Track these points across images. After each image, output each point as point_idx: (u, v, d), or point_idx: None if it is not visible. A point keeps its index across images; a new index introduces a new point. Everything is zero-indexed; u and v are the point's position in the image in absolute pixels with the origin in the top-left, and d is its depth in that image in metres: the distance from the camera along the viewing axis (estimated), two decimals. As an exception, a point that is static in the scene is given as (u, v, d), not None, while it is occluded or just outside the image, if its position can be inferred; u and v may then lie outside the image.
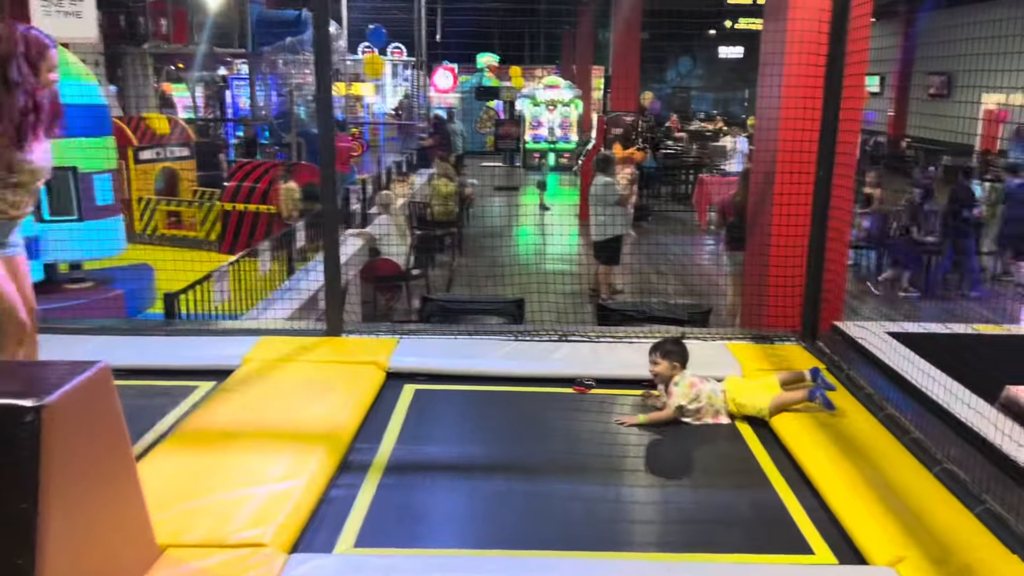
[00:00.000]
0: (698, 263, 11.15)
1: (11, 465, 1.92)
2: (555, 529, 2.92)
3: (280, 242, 8.06)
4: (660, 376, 3.85)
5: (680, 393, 3.75)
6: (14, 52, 3.02)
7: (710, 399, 3.79)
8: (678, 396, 3.74)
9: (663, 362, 3.82)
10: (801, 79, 4.66)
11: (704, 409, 3.77)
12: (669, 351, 3.85)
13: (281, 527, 2.67)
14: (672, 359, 3.82)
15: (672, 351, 3.85)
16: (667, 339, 3.97)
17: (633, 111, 15.34)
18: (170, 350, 4.43)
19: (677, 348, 3.87)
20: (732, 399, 3.81)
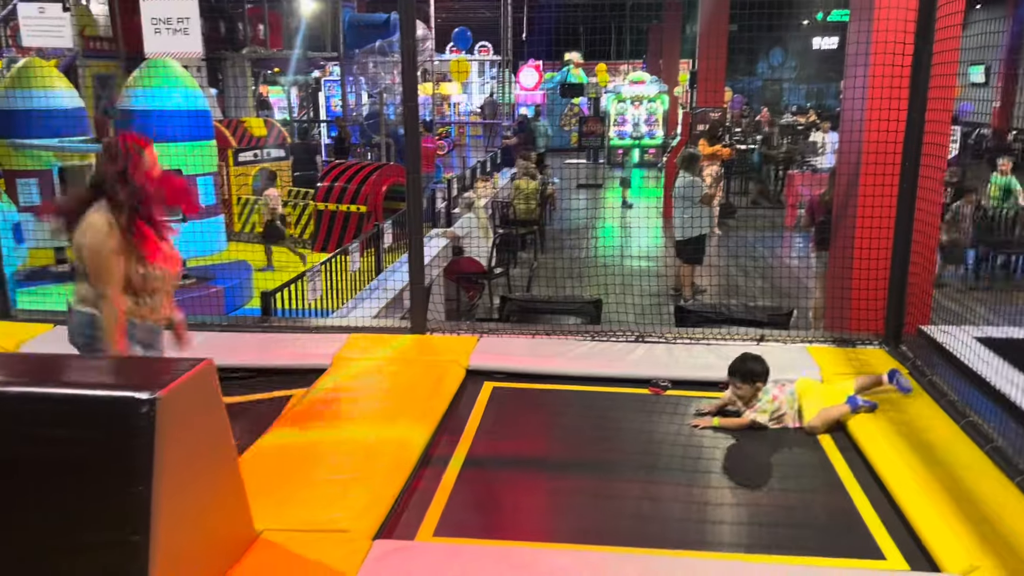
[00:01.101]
0: (786, 263, 10.94)
1: (128, 451, 2.14)
2: (626, 526, 3.01)
3: (369, 241, 8.34)
4: (744, 398, 3.83)
5: (762, 408, 3.75)
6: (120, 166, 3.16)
7: (789, 404, 3.78)
8: (759, 412, 3.75)
9: (744, 386, 3.79)
10: (887, 78, 4.58)
11: (785, 415, 3.78)
12: (747, 373, 3.78)
13: (366, 515, 2.85)
14: (754, 381, 3.78)
15: (751, 373, 3.78)
16: (744, 360, 3.83)
17: (720, 106, 15.13)
18: (267, 347, 4.69)
19: (756, 368, 3.79)
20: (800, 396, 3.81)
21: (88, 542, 2.15)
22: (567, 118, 26.16)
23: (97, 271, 3.12)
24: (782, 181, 16.40)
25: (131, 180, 3.18)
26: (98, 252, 3.10)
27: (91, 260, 3.12)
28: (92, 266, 3.12)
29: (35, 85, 7.86)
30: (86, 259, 3.13)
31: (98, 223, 3.11)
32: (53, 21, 4.82)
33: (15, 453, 2.19)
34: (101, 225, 3.11)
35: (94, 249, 3.10)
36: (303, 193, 11.94)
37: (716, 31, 14.87)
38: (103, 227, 3.10)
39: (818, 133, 16.21)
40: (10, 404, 2.20)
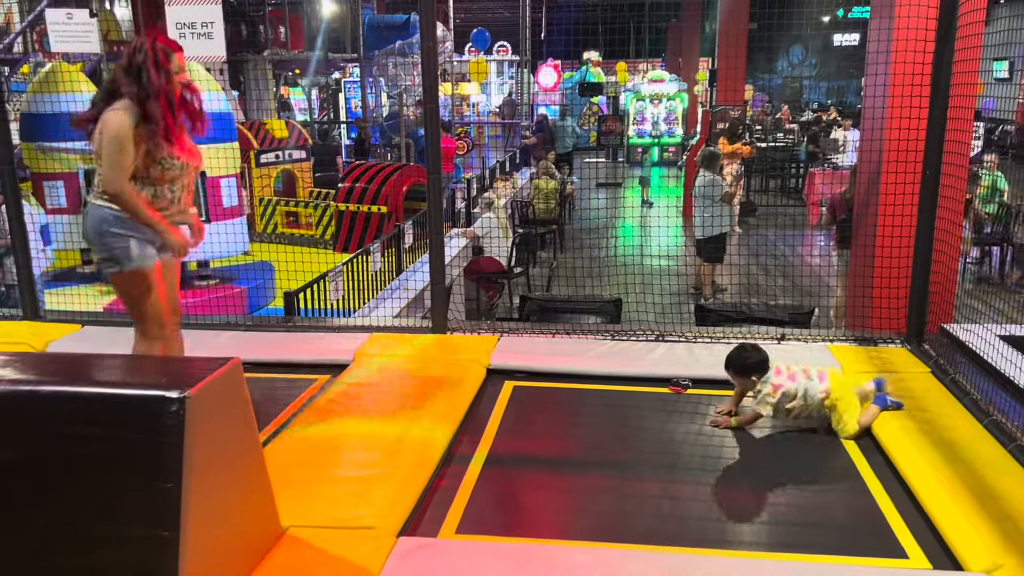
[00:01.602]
0: (807, 261, 10.88)
1: (159, 448, 2.18)
2: (646, 524, 3.02)
3: (389, 241, 8.40)
4: (744, 391, 3.80)
5: (764, 401, 3.67)
6: (145, 60, 3.35)
7: (806, 401, 3.67)
8: (763, 404, 3.68)
9: (739, 379, 3.76)
10: (908, 75, 4.56)
11: (796, 409, 3.67)
12: (741, 367, 3.73)
13: (390, 512, 2.89)
14: (748, 374, 3.72)
15: (744, 366, 3.72)
16: (738, 352, 3.77)
17: (739, 104, 15.07)
18: (290, 346, 4.75)
19: (750, 360, 3.72)
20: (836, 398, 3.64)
21: (119, 538, 2.19)
22: (586, 117, 26.14)
23: (109, 158, 3.26)
24: (803, 179, 16.31)
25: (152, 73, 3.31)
26: (113, 139, 3.25)
27: (106, 147, 3.27)
28: (105, 153, 3.27)
29: (61, 89, 7.98)
30: (103, 148, 3.28)
31: (115, 115, 3.28)
32: (81, 27, 4.91)
33: (47, 451, 2.24)
34: (122, 115, 3.27)
35: (111, 136, 3.25)
36: (324, 194, 12.04)
37: (735, 29, 14.83)
38: (123, 117, 3.27)
39: (839, 130, 16.11)
40: (42, 403, 2.25)
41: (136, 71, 3.33)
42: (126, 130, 3.28)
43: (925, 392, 3.93)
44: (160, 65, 3.36)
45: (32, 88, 8.57)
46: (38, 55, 12.65)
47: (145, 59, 3.34)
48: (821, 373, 3.70)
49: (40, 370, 2.49)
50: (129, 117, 3.30)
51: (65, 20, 4.89)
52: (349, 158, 16.29)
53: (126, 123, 3.28)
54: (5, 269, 7.21)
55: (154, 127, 3.32)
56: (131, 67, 3.35)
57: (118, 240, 3.36)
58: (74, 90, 8.13)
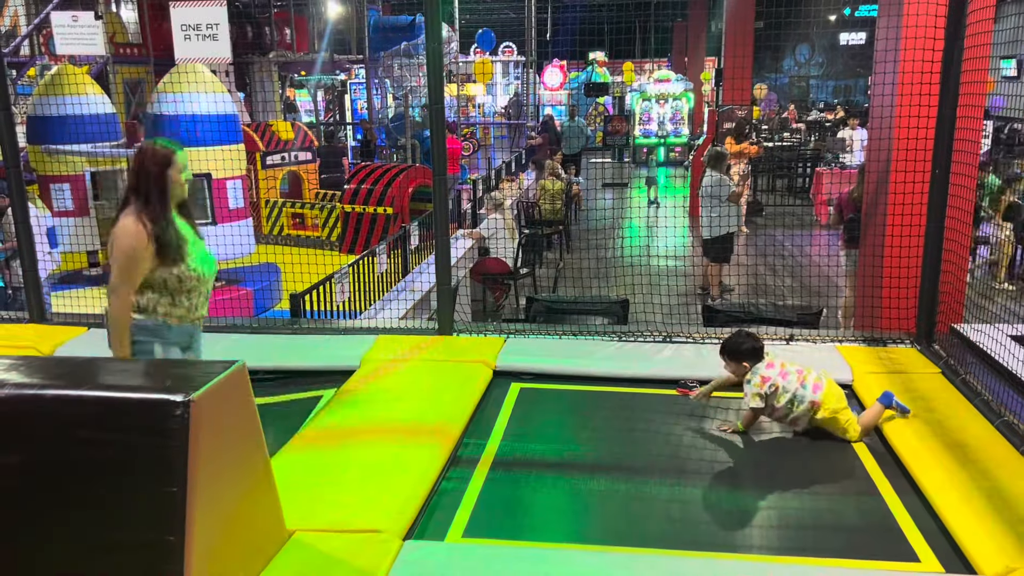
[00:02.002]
0: (815, 261, 10.84)
1: (163, 453, 2.17)
2: (655, 527, 3.00)
3: (396, 243, 8.39)
4: (735, 376, 3.77)
5: (752, 392, 3.62)
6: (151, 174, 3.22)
7: (792, 405, 3.59)
8: (750, 396, 3.63)
9: (730, 363, 3.74)
10: (917, 74, 4.53)
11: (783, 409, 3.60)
12: (733, 351, 3.72)
13: (396, 516, 2.87)
14: (738, 359, 3.70)
15: (736, 351, 3.70)
16: (733, 336, 3.78)
17: (746, 104, 15.02)
18: (296, 349, 4.74)
19: (743, 346, 3.70)
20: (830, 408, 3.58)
21: (124, 542, 2.18)
22: (592, 117, 26.11)
23: (118, 266, 3.19)
24: (810, 178, 16.25)
25: (163, 181, 3.24)
26: (125, 250, 3.18)
27: (117, 257, 3.20)
28: (115, 261, 3.20)
29: (68, 92, 8.00)
30: (114, 256, 3.21)
31: (128, 224, 3.19)
32: (86, 29, 4.91)
33: (52, 455, 2.23)
34: (131, 226, 3.19)
35: (123, 247, 3.18)
36: (330, 195, 12.03)
37: (742, 28, 14.78)
38: (132, 227, 3.18)
39: (846, 129, 16.04)
40: (48, 406, 2.24)
41: (144, 191, 3.22)
42: (137, 244, 3.16)
43: (935, 393, 3.89)
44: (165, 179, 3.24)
45: (38, 91, 8.60)
46: (44, 58, 12.69)
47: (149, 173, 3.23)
48: (817, 384, 3.62)
49: (45, 374, 2.47)
50: (142, 231, 3.18)
51: (70, 23, 4.89)
52: (355, 159, 16.29)
53: (138, 238, 3.17)
54: (12, 272, 7.23)
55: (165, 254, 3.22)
56: (139, 183, 3.24)
57: (141, 346, 3.27)
58: (80, 93, 8.17)
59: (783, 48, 32.09)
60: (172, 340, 3.33)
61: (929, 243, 4.45)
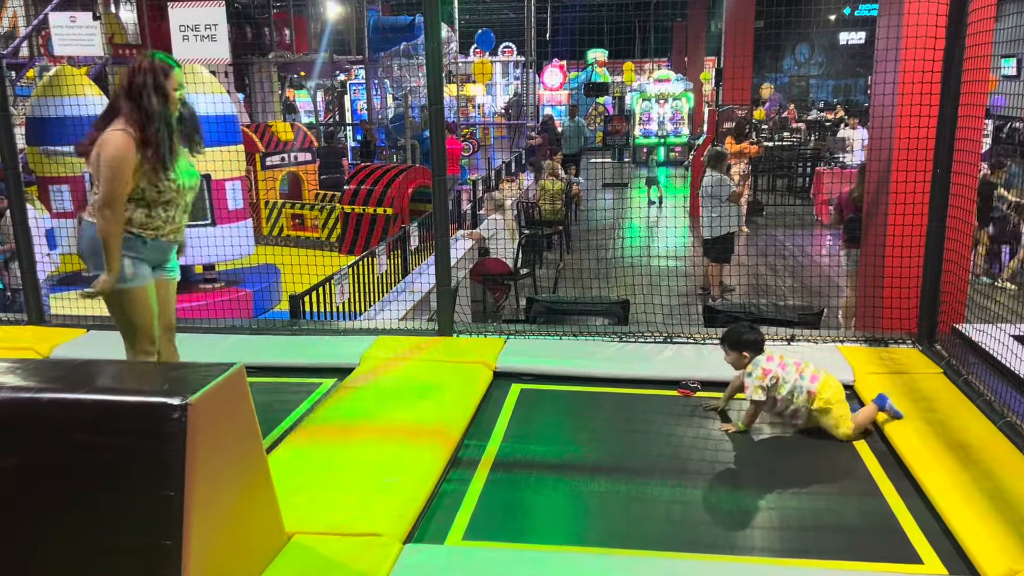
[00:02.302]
0: (815, 261, 10.82)
1: (161, 456, 2.15)
2: (656, 530, 2.98)
3: (395, 243, 8.38)
4: (734, 367, 3.78)
5: (753, 384, 3.62)
6: (145, 82, 3.30)
7: (792, 396, 3.59)
8: (753, 389, 3.62)
9: (731, 353, 3.75)
10: (917, 73, 4.52)
11: (783, 403, 3.60)
12: (734, 341, 3.73)
13: (396, 518, 2.85)
14: (739, 349, 3.71)
15: (737, 341, 3.72)
16: (735, 327, 3.81)
17: (746, 103, 15.01)
18: (296, 349, 4.73)
19: (745, 337, 3.71)
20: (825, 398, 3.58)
21: (121, 546, 2.16)
22: (592, 117, 26.11)
23: (106, 178, 3.21)
24: (810, 178, 16.24)
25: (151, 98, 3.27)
26: (113, 160, 3.20)
27: (105, 168, 3.22)
28: (104, 174, 3.22)
29: (67, 93, 7.97)
30: (100, 169, 3.23)
31: (115, 136, 3.23)
32: (84, 30, 4.89)
33: (49, 459, 2.21)
34: (123, 137, 3.23)
35: (111, 157, 3.21)
36: (329, 196, 12.03)
37: (742, 28, 14.77)
38: (124, 139, 3.22)
39: (846, 129, 16.04)
40: (45, 410, 2.23)
41: (137, 94, 3.29)
42: (125, 152, 3.23)
43: (937, 393, 3.88)
44: (159, 88, 3.31)
45: (37, 92, 8.58)
46: (43, 59, 12.68)
47: (145, 81, 3.30)
48: (815, 375, 3.63)
49: (42, 377, 2.46)
50: (129, 140, 3.26)
51: (68, 23, 4.87)
52: (355, 160, 16.28)
53: (125, 146, 3.24)
54: (11, 274, 7.21)
55: (152, 153, 3.28)
56: (131, 89, 3.30)
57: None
58: (79, 94, 8.14)
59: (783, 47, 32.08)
60: (143, 256, 3.37)
61: (930, 243, 4.43)
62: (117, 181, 3.22)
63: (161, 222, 3.37)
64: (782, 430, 3.73)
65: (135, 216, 3.34)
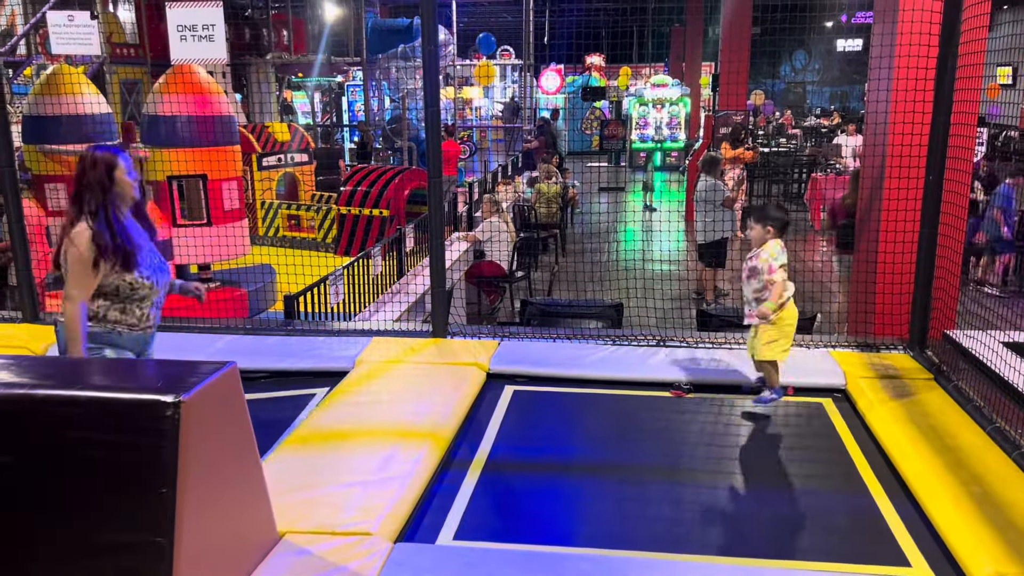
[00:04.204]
0: (809, 267, 10.85)
1: (153, 454, 2.16)
2: (648, 530, 3.00)
3: (391, 245, 8.39)
4: (754, 241, 3.96)
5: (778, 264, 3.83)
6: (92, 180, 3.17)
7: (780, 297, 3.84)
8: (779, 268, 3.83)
9: (756, 226, 3.92)
10: (911, 81, 4.55)
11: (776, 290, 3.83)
12: (762, 215, 3.93)
13: (388, 518, 2.87)
14: (764, 223, 3.90)
15: (765, 215, 3.92)
16: (769, 204, 4.04)
17: (743, 109, 15.06)
18: (290, 350, 4.73)
19: (773, 213, 3.94)
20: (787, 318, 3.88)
21: (113, 543, 2.17)
22: (588, 121, 26.15)
23: (70, 274, 3.16)
24: (805, 184, 16.29)
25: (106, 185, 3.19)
26: (76, 258, 3.14)
27: (69, 265, 3.16)
28: (68, 270, 3.17)
29: (64, 91, 7.98)
30: (65, 266, 3.18)
31: (80, 234, 3.16)
32: (82, 29, 4.90)
33: (41, 455, 2.22)
34: (81, 235, 3.15)
35: (74, 255, 3.14)
36: (326, 197, 12.04)
37: (739, 34, 14.82)
38: (83, 237, 3.15)
39: (843, 135, 16.09)
40: (38, 406, 2.23)
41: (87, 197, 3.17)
42: (88, 254, 3.13)
43: (928, 398, 3.91)
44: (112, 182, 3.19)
45: (35, 90, 8.58)
46: (41, 57, 12.67)
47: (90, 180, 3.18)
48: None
49: (36, 373, 2.47)
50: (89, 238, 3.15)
51: (66, 22, 4.88)
52: (351, 161, 16.29)
53: (83, 244, 3.14)
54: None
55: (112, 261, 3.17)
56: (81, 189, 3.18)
57: (92, 353, 3.22)
58: (77, 92, 8.15)
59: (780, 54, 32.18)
60: (123, 346, 3.29)
61: (922, 249, 4.46)
62: (79, 278, 3.15)
63: (136, 319, 3.27)
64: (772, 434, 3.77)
65: (110, 314, 3.24)
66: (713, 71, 22.67)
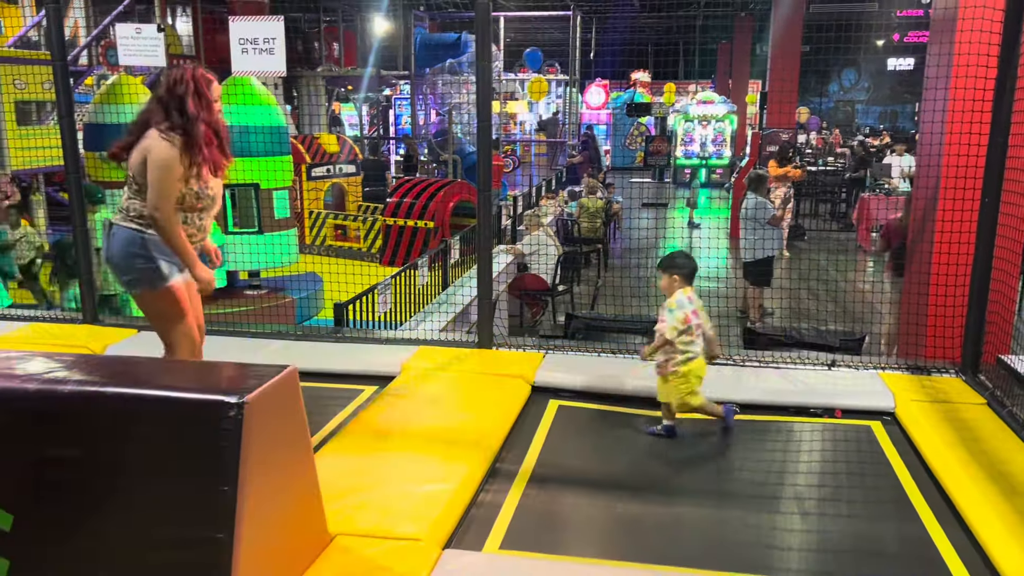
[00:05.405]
0: (857, 287, 10.70)
1: (216, 452, 2.23)
2: (692, 548, 3.00)
3: (436, 256, 8.48)
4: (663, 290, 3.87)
5: (672, 323, 3.73)
6: (187, 90, 3.33)
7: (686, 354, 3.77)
8: (669, 328, 3.73)
9: (664, 276, 3.83)
10: (968, 101, 4.49)
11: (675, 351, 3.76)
12: (668, 264, 3.82)
13: (436, 524, 2.91)
14: (671, 272, 3.80)
15: (671, 264, 3.82)
16: (675, 253, 3.93)
17: (791, 127, 14.94)
18: (340, 356, 4.82)
19: (678, 262, 3.83)
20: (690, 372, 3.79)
21: (175, 539, 2.24)
22: (633, 137, 26.14)
23: (160, 183, 3.20)
24: (853, 203, 16.08)
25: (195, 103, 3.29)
26: (167, 167, 3.19)
27: (156, 172, 3.20)
28: (155, 178, 3.20)
29: (124, 100, 8.24)
30: (150, 171, 3.22)
31: (160, 141, 3.23)
32: (149, 41, 5.08)
33: (110, 451, 2.30)
34: (162, 143, 3.22)
35: (164, 163, 3.20)
36: (372, 208, 12.21)
37: (788, 51, 14.72)
38: (171, 145, 3.22)
39: (892, 155, 15.86)
40: (107, 403, 2.32)
41: (178, 101, 3.31)
42: (174, 158, 3.25)
43: (980, 424, 3.84)
44: (202, 95, 3.35)
45: (97, 99, 8.87)
46: (102, 67, 13.08)
47: (186, 89, 3.32)
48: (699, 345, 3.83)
49: (104, 372, 2.56)
50: (175, 146, 3.27)
51: (134, 34, 5.07)
52: (397, 173, 16.49)
53: (174, 151, 3.26)
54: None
55: (199, 159, 3.29)
56: (172, 98, 3.32)
57: (148, 262, 3.33)
58: (135, 102, 8.40)
59: (829, 72, 31.84)
60: (169, 259, 3.36)
61: (977, 271, 4.40)
62: (168, 181, 3.24)
63: (195, 229, 3.39)
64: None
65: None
66: (760, 88, 22.54)
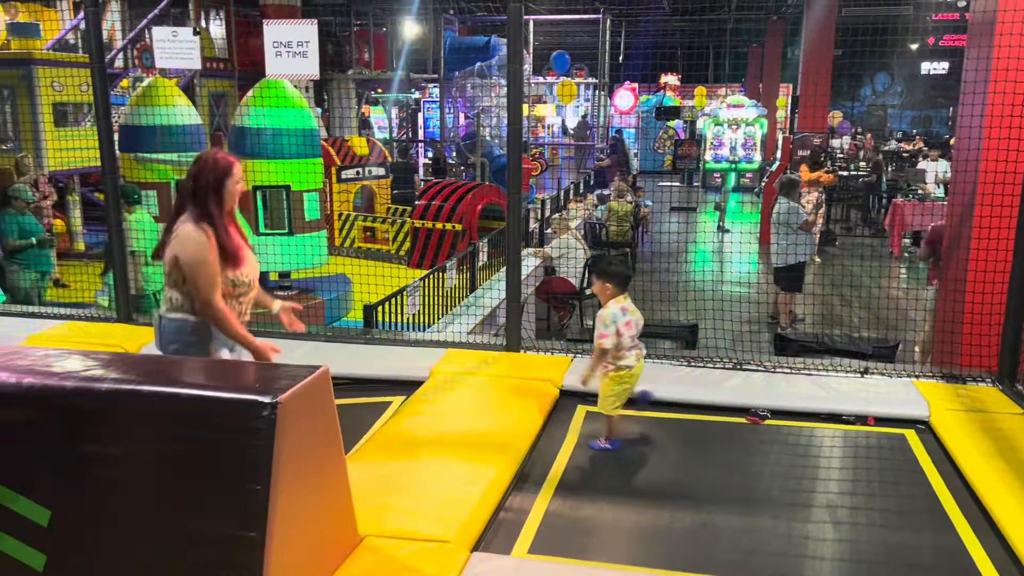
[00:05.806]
0: (890, 294, 10.56)
1: (249, 451, 2.25)
2: (721, 555, 2.97)
3: (464, 259, 8.51)
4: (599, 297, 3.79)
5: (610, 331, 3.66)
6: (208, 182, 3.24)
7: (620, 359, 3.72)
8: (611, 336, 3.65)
9: (597, 282, 3.76)
10: (1007, 107, 4.42)
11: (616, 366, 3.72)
12: (602, 271, 3.73)
13: (465, 527, 2.91)
14: (604, 280, 3.71)
15: (604, 271, 3.73)
16: (609, 258, 3.82)
17: (823, 131, 14.78)
18: (369, 358, 4.85)
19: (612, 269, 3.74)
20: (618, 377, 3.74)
21: (209, 535, 2.26)
22: (662, 141, 26.03)
23: (200, 280, 3.17)
24: (885, 209, 15.86)
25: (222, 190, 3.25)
26: (201, 262, 3.17)
27: (193, 270, 3.17)
28: (194, 275, 3.18)
29: (158, 103, 8.36)
30: (185, 269, 3.19)
31: (195, 234, 3.19)
32: (185, 44, 5.15)
33: (146, 448, 2.33)
34: (198, 235, 3.19)
35: (197, 259, 3.16)
36: (401, 211, 12.26)
37: (820, 55, 14.57)
38: (201, 237, 3.18)
39: (926, 161, 15.63)
40: (145, 401, 2.35)
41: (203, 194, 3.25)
42: (204, 245, 3.18)
43: (1017, 434, 3.77)
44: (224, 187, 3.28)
45: (133, 101, 9.01)
46: (137, 70, 13.28)
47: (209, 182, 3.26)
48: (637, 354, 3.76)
49: (141, 370, 2.60)
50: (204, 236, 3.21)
51: (170, 38, 5.14)
52: (426, 176, 16.56)
53: (203, 242, 3.19)
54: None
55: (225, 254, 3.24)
56: (197, 189, 3.26)
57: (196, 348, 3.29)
58: (170, 104, 8.53)
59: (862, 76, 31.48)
60: (221, 341, 3.34)
61: (1015, 279, 4.32)
62: (209, 271, 3.19)
63: (235, 314, 3.33)
64: None
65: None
66: (791, 92, 22.35)
